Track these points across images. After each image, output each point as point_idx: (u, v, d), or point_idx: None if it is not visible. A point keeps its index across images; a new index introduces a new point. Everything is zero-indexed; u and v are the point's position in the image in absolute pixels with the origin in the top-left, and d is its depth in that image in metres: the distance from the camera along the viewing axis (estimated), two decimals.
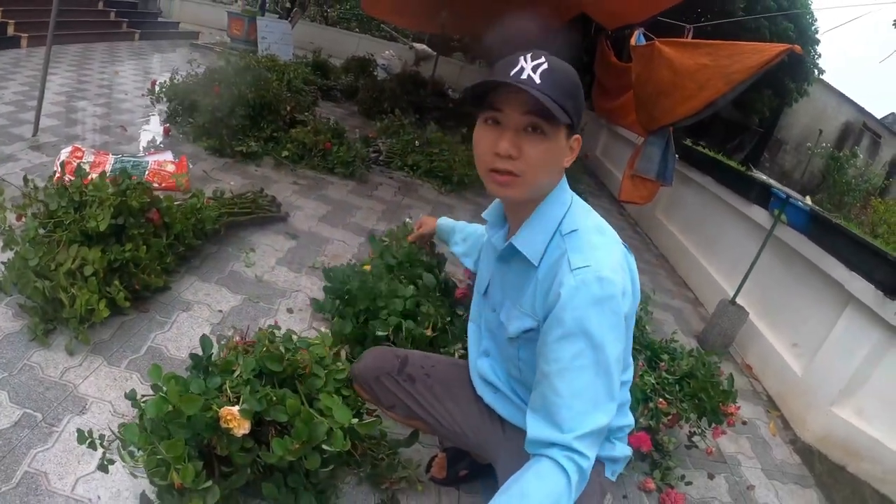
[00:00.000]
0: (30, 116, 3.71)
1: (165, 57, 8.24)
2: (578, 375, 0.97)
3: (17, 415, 1.52)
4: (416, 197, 4.46)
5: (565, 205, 1.11)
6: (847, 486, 2.44)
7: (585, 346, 0.96)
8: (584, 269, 0.98)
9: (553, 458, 0.95)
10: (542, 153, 1.03)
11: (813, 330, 2.85)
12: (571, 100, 1.01)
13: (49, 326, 1.86)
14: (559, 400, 0.97)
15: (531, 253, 1.09)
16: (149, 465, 1.18)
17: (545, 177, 1.07)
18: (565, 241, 1.06)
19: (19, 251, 1.88)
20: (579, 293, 0.96)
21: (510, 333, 1.15)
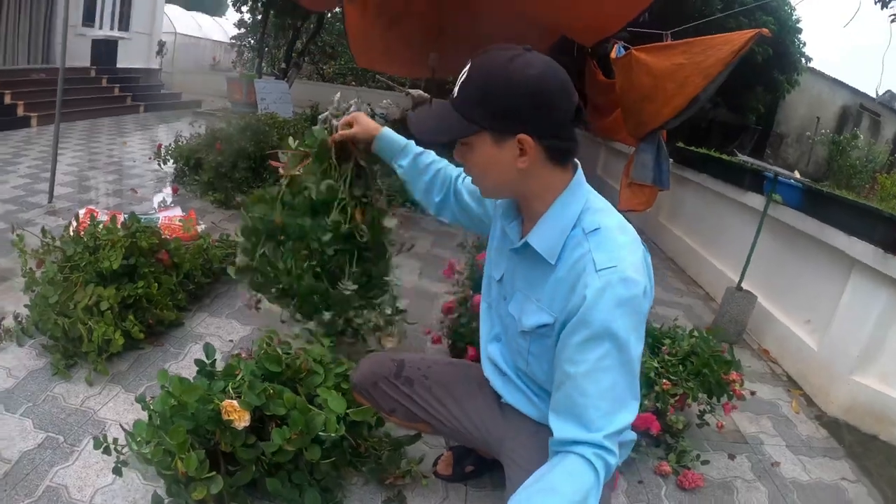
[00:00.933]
0: (45, 186, 3.97)
1: (170, 125, 8.64)
2: (605, 376, 0.97)
3: (40, 438, 1.62)
4: (418, 229, 4.56)
5: (581, 201, 1.09)
6: (880, 454, 2.38)
7: (611, 347, 0.97)
8: (610, 269, 0.98)
9: (581, 454, 0.97)
10: (473, 162, 1.09)
11: (823, 303, 2.84)
12: (476, 104, 1.02)
13: (70, 361, 1.98)
14: (586, 401, 0.98)
15: (547, 251, 1.08)
16: (155, 455, 1.25)
17: (492, 181, 1.11)
18: (588, 239, 1.04)
19: (40, 291, 2.02)
20: (605, 295, 0.96)
21: (523, 327, 1.15)
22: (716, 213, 4.25)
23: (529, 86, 0.98)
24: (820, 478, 2.15)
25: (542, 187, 1.09)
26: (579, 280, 1.01)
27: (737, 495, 1.96)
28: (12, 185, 4.18)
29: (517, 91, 0.98)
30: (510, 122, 1.01)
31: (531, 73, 0.98)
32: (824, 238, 2.85)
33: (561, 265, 1.07)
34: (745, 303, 3.20)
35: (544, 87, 0.99)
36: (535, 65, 0.99)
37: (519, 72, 0.98)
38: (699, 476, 1.95)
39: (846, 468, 2.25)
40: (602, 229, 1.04)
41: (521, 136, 1.01)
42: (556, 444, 1.02)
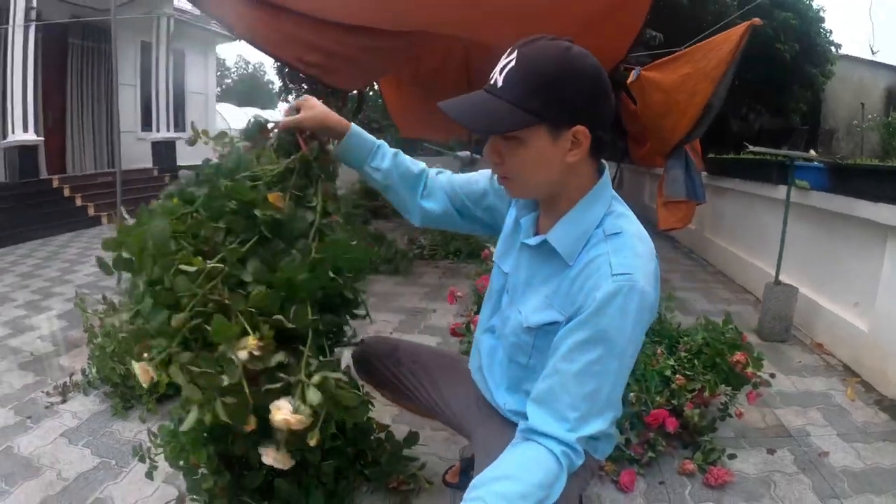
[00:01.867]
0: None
1: None
2: (592, 380, 0.97)
3: (95, 462, 1.87)
4: (459, 276, 4.66)
5: (606, 203, 1.07)
6: None
7: (606, 354, 0.96)
8: (625, 276, 0.96)
9: (549, 448, 0.97)
10: (519, 160, 1.01)
11: (865, 282, 2.71)
12: (541, 94, 0.95)
13: (127, 404, 2.24)
14: (569, 399, 0.98)
15: (567, 252, 1.05)
16: (173, 452, 1.42)
17: (535, 179, 1.04)
18: (608, 241, 1.02)
19: (98, 342, 2.32)
20: (614, 301, 0.95)
21: (529, 323, 1.12)
22: (753, 215, 4.16)
23: (590, 75, 0.96)
24: (877, 463, 2.00)
25: (574, 183, 1.06)
26: (590, 280, 0.99)
27: (773, 489, 1.86)
28: (85, 274, 4.76)
29: (579, 80, 0.95)
30: (570, 113, 0.97)
31: (590, 63, 0.96)
32: (854, 212, 2.75)
33: (575, 265, 1.04)
34: (786, 296, 3.09)
35: (602, 77, 0.98)
36: (588, 55, 0.97)
37: (579, 61, 0.95)
38: (726, 472, 1.86)
39: None
40: (623, 234, 1.02)
41: (578, 127, 0.97)
42: (526, 430, 1.02)
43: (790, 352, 2.96)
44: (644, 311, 0.97)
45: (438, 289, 4.24)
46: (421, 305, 3.76)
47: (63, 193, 8.01)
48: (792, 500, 1.81)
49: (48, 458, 1.87)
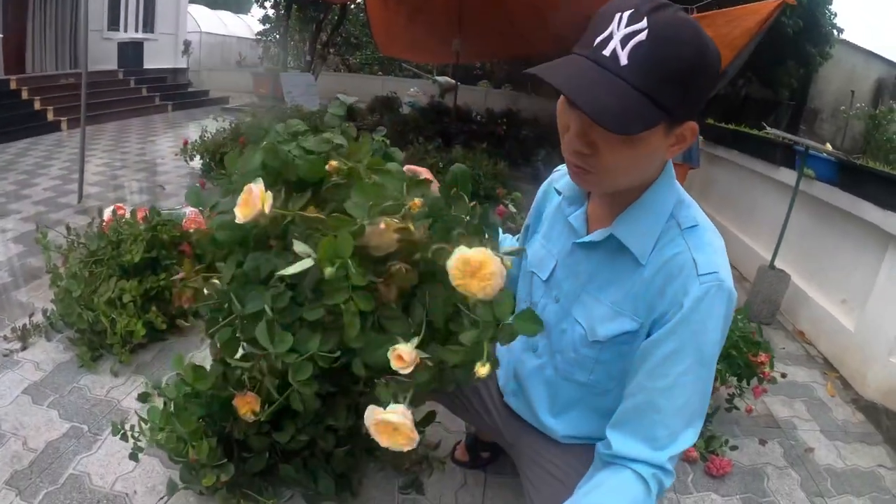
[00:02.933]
0: (74, 187, 4.08)
1: (198, 122, 8.79)
2: (682, 392, 0.89)
3: (65, 428, 1.67)
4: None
5: (676, 192, 0.93)
6: None
7: (695, 363, 0.87)
8: (711, 275, 0.85)
9: (638, 472, 0.89)
10: (624, 157, 0.82)
11: (858, 282, 2.71)
12: (674, 84, 0.75)
13: (95, 354, 2.04)
14: (658, 417, 0.90)
15: (639, 249, 0.92)
16: (168, 442, 1.26)
17: (628, 178, 0.88)
18: (685, 237, 0.90)
19: (64, 285, 2.07)
20: (703, 305, 0.85)
21: (598, 336, 0.98)
22: (748, 191, 4.10)
23: (716, 69, 0.78)
24: (856, 465, 2.05)
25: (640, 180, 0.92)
26: (674, 282, 0.88)
27: (767, 482, 1.89)
28: (43, 188, 4.32)
29: (711, 74, 0.77)
30: (694, 109, 0.80)
31: (717, 53, 0.77)
32: (859, 213, 2.71)
33: (650, 263, 0.91)
34: (779, 282, 3.08)
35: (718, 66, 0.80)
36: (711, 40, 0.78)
37: (712, 50, 0.76)
38: (728, 462, 1.88)
39: (883, 454, 2.14)
40: (700, 227, 0.91)
41: (691, 123, 0.82)
42: (611, 456, 0.93)
43: (774, 337, 2.98)
44: (731, 313, 0.89)
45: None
46: None
47: (21, 96, 7.30)
48: (783, 494, 1.85)
49: (11, 423, 1.66)
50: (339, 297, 0.83)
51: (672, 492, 1.77)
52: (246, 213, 0.85)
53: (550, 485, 1.08)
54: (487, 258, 0.78)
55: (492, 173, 4.90)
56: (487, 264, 0.77)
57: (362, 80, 13.38)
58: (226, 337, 0.97)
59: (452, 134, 6.71)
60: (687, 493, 1.78)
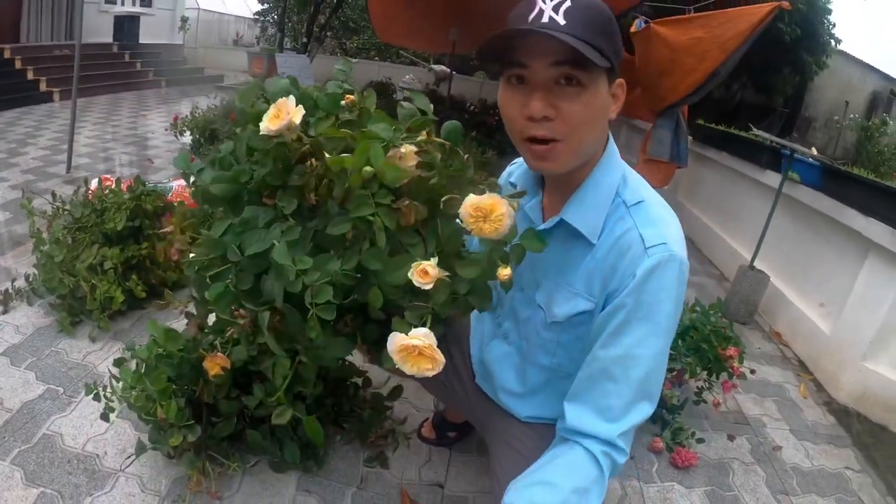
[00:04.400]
0: (64, 157, 4.05)
1: (191, 99, 8.73)
2: (637, 363, 0.89)
3: (41, 389, 1.67)
4: None
5: (620, 169, 0.97)
6: (890, 446, 2.29)
7: (649, 333, 0.89)
8: (660, 246, 0.88)
9: (589, 449, 0.90)
10: (583, 108, 0.86)
11: (837, 286, 2.75)
12: (606, 37, 0.84)
13: (75, 319, 2.04)
14: (612, 387, 0.90)
15: (589, 230, 0.94)
16: (137, 401, 1.27)
17: (590, 136, 0.90)
18: (632, 213, 0.92)
19: (46, 250, 2.07)
20: (654, 275, 0.87)
21: (556, 317, 1.01)
22: (733, 192, 4.14)
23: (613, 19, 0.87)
24: (823, 465, 2.08)
25: (593, 151, 0.95)
26: (623, 258, 0.90)
27: (732, 477, 1.92)
28: (32, 157, 4.29)
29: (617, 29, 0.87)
30: (618, 62, 0.87)
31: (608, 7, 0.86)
32: (841, 218, 2.75)
33: (601, 244, 0.94)
34: (757, 282, 3.12)
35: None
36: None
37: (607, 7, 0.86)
38: (693, 454, 1.91)
39: (851, 457, 2.18)
40: (645, 202, 0.93)
41: (620, 79, 0.89)
42: (565, 430, 0.94)
43: (750, 336, 3.02)
44: (683, 281, 0.90)
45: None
46: None
47: (14, 65, 7.24)
48: (748, 489, 1.88)
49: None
50: (365, 209, 0.87)
51: (636, 480, 1.80)
52: (276, 124, 0.91)
53: (513, 460, 1.10)
54: (497, 202, 0.84)
55: (480, 162, 4.93)
56: (497, 207, 0.84)
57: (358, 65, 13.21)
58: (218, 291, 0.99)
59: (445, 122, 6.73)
60: (651, 483, 1.80)
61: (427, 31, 7.69)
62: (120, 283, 2.06)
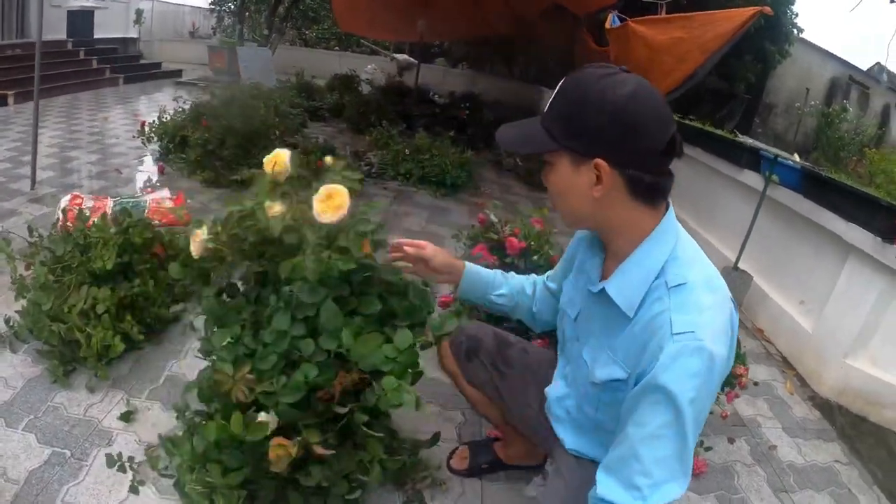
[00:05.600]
0: (26, 171, 3.79)
1: (152, 97, 8.38)
2: (663, 445, 0.92)
3: (46, 454, 1.58)
4: (411, 204, 4.52)
5: (668, 247, 0.99)
6: (871, 436, 2.45)
7: (674, 418, 0.90)
8: (687, 335, 0.89)
9: None
10: (550, 184, 1.03)
11: (818, 285, 2.87)
12: (561, 121, 0.96)
13: (68, 367, 1.93)
14: (639, 466, 0.93)
15: (626, 304, 1.00)
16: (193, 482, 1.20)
17: (566, 208, 1.04)
18: (671, 296, 0.95)
19: (31, 298, 1.95)
20: (677, 363, 0.89)
21: (594, 378, 1.07)
22: (711, 190, 4.24)
23: (616, 106, 0.90)
24: (814, 461, 2.22)
25: (624, 224, 1.00)
26: (653, 339, 0.94)
27: (737, 480, 2.02)
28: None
29: (601, 110, 0.91)
30: (589, 144, 0.94)
31: (620, 94, 0.90)
32: (821, 222, 2.86)
33: (638, 319, 0.99)
34: (742, 283, 3.23)
35: (632, 109, 0.91)
36: (627, 84, 0.91)
37: (607, 90, 0.91)
38: (703, 462, 1.99)
39: (838, 450, 2.32)
40: (687, 286, 0.94)
41: (597, 160, 0.94)
42: (597, 499, 0.98)
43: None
44: (712, 372, 0.90)
45: (393, 217, 4.09)
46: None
47: None
48: (753, 490, 1.99)
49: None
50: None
51: None
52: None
53: (558, 489, 1.19)
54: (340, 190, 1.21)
55: (458, 162, 4.89)
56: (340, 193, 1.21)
57: (320, 55, 13.02)
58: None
59: (414, 116, 6.65)
60: None
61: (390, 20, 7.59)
62: (115, 327, 1.97)
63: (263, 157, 4.35)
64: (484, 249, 2.05)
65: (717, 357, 0.90)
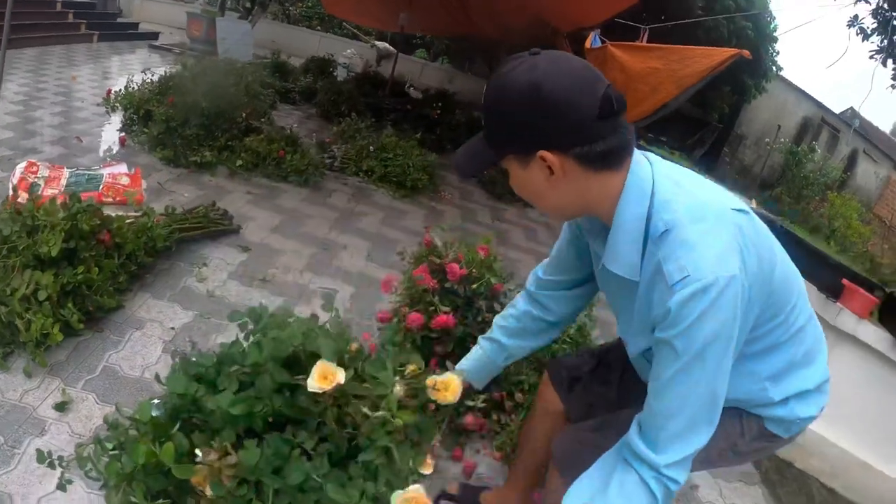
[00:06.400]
0: None
1: (124, 59, 8.25)
2: (676, 395, 0.93)
3: None
4: (369, 203, 4.58)
5: (645, 197, 0.97)
6: (793, 482, 2.58)
7: (688, 363, 0.91)
8: (683, 281, 0.89)
9: (642, 476, 0.96)
10: (516, 188, 1.05)
11: None
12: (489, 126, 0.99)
13: (7, 349, 1.97)
14: (654, 420, 0.96)
15: (628, 271, 1.00)
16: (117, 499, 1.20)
17: (542, 205, 1.05)
18: (659, 247, 0.94)
19: None
20: (682, 312, 0.89)
21: (631, 353, 1.12)
22: None
23: (529, 94, 0.89)
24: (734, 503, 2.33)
25: (599, 196, 0.99)
26: (654, 296, 0.95)
27: None
28: None
29: (518, 102, 0.91)
30: (523, 141, 0.95)
31: (529, 80, 0.89)
32: None
33: (641, 281, 0.99)
34: None
35: (546, 90, 0.88)
36: (537, 68, 0.90)
37: (517, 81, 0.91)
38: None
39: (759, 494, 2.44)
40: (670, 230, 0.93)
41: (540, 153, 0.93)
42: (624, 446, 1.03)
43: None
44: (719, 299, 0.88)
45: (349, 216, 4.16)
46: (331, 236, 3.66)
47: None
48: None
49: None
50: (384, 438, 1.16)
51: None
52: (327, 385, 1.14)
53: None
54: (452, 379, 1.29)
55: (421, 165, 4.97)
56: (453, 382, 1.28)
57: (300, 33, 13.02)
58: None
59: (386, 110, 6.70)
60: None
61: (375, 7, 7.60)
62: (56, 314, 2.01)
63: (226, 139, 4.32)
64: (426, 272, 2.10)
65: (721, 281, 0.88)
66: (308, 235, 3.60)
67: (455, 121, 7.21)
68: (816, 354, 1.19)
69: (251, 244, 3.23)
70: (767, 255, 0.99)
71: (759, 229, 0.99)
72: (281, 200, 4.04)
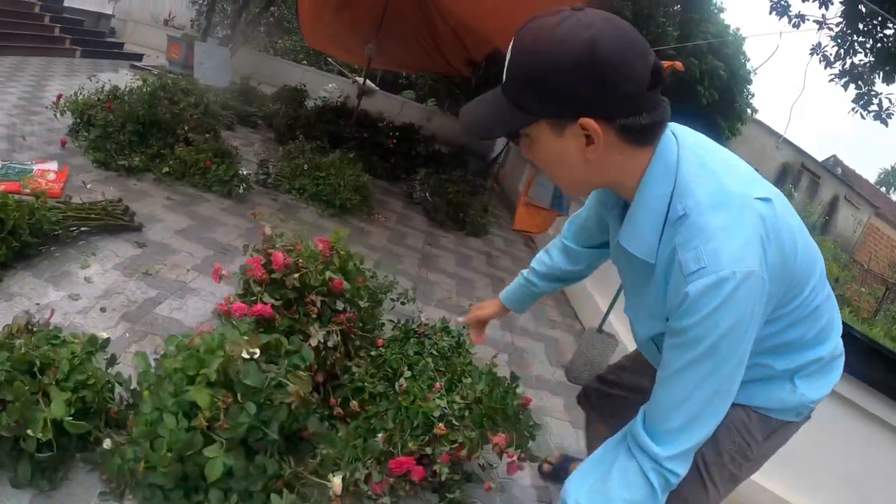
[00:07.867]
0: None
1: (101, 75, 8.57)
2: (678, 388, 0.94)
3: None
4: (293, 219, 4.63)
5: (670, 177, 0.95)
6: None
7: (699, 356, 0.91)
8: (699, 272, 0.88)
9: (642, 466, 0.97)
10: (535, 155, 0.99)
11: None
12: (527, 89, 0.90)
13: None
14: (658, 411, 0.97)
15: (644, 252, 0.98)
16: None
17: (566, 178, 1.02)
18: (676, 233, 0.92)
19: None
20: (697, 304, 0.88)
21: (640, 337, 1.13)
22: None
23: (581, 56, 0.83)
24: None
25: (627, 171, 0.97)
26: (671, 285, 0.94)
27: None
28: None
29: (567, 65, 0.84)
30: (566, 106, 0.88)
31: (582, 39, 0.83)
32: None
33: (658, 264, 0.98)
34: (605, 346, 3.17)
35: (603, 53, 0.83)
36: (590, 25, 0.84)
37: (566, 40, 0.84)
38: None
39: None
40: (689, 216, 0.92)
41: (583, 120, 0.88)
42: (629, 433, 1.03)
43: None
44: (735, 294, 0.87)
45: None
46: (236, 243, 3.69)
47: None
48: None
49: None
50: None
51: None
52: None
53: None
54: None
55: (354, 185, 5.07)
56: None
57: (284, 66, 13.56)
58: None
59: (344, 138, 6.93)
60: None
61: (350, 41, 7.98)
62: None
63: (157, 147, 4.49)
64: (258, 262, 2.10)
65: (742, 274, 0.87)
66: (211, 240, 3.65)
67: (411, 151, 7.45)
68: (830, 332, 1.18)
69: (149, 242, 3.31)
70: (789, 241, 0.97)
71: (780, 216, 0.95)
72: (199, 208, 4.14)
